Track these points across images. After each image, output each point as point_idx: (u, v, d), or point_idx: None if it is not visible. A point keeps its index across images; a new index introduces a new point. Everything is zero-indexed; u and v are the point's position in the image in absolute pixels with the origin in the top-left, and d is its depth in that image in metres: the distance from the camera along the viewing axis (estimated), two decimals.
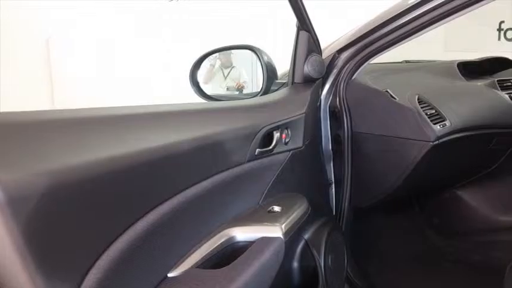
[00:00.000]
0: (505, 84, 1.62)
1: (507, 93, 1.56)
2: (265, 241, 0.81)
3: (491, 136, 1.45)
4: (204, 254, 0.76)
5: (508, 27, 3.48)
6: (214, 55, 1.44)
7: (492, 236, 1.77)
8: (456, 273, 1.73)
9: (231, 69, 1.54)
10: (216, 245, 0.79)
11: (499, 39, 3.52)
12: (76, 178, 0.55)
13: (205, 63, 1.43)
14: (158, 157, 0.68)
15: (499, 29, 3.51)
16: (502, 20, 3.48)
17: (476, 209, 1.79)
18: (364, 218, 1.70)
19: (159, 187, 0.68)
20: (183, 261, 0.73)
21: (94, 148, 0.60)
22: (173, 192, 0.71)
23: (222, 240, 0.81)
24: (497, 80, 1.63)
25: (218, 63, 1.46)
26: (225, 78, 1.54)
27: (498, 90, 1.58)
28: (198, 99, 1.40)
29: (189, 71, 1.41)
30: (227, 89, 1.63)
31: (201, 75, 1.40)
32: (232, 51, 1.46)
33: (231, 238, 0.82)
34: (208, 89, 1.42)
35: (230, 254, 0.80)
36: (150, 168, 0.66)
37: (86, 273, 0.56)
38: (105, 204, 0.59)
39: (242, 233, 0.83)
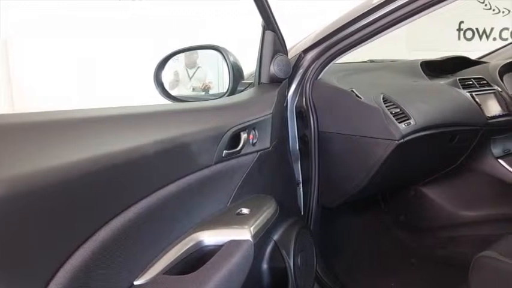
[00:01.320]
0: (466, 83, 1.66)
1: (468, 92, 1.60)
2: (234, 244, 0.80)
3: (453, 134, 1.48)
4: (171, 260, 0.74)
5: (467, 27, 3.59)
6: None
7: (456, 232, 1.81)
8: (423, 269, 1.76)
9: (196, 70, 1.51)
10: (183, 250, 0.77)
11: (459, 38, 3.63)
12: (31, 186, 0.52)
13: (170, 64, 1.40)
14: (120, 162, 0.65)
15: (459, 29, 3.62)
16: (462, 20, 3.59)
17: (440, 205, 1.83)
18: (332, 217, 1.71)
19: (122, 193, 0.66)
20: (149, 268, 0.71)
21: (51, 154, 0.57)
22: (138, 198, 0.68)
23: (190, 245, 0.79)
24: (459, 79, 1.67)
25: (183, 63, 1.43)
26: (190, 79, 1.51)
27: (460, 88, 1.62)
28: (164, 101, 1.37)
29: (153, 72, 1.38)
30: (193, 89, 1.61)
31: (165, 76, 1.37)
32: (197, 51, 1.43)
33: (199, 242, 0.80)
34: (174, 90, 1.39)
35: (198, 259, 0.78)
36: (112, 173, 0.64)
37: (47, 285, 0.53)
38: (64, 213, 0.56)
39: (210, 237, 0.81)
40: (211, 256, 0.76)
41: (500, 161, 1.68)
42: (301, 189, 1.44)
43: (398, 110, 1.33)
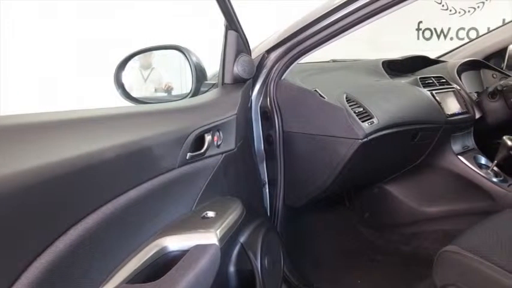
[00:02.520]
0: (426, 82, 1.70)
1: (428, 90, 1.64)
2: (199, 249, 0.78)
3: (415, 131, 1.51)
4: (134, 268, 0.72)
5: (425, 27, 3.68)
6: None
7: (419, 227, 1.85)
8: (388, 265, 1.79)
9: (150, 71, 1.47)
10: (147, 257, 0.75)
11: (418, 38, 3.71)
12: None
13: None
14: (79, 167, 0.62)
15: (418, 29, 3.70)
16: (420, 20, 3.68)
17: (404, 202, 1.86)
18: (298, 216, 1.71)
19: (82, 200, 0.63)
20: (112, 277, 0.68)
21: (4, 160, 0.54)
22: (98, 204, 0.66)
23: (154, 251, 0.76)
24: (419, 78, 1.70)
25: (137, 64, 1.39)
26: (145, 80, 1.48)
27: (420, 87, 1.65)
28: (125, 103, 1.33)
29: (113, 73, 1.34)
30: (155, 90, 1.58)
31: (126, 77, 1.33)
32: (153, 51, 1.40)
33: (163, 248, 0.78)
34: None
35: (163, 266, 0.76)
36: (71, 179, 0.61)
37: None
38: (20, 222, 0.53)
39: (175, 242, 0.79)
40: (176, 262, 0.74)
41: (460, 157, 1.72)
42: (267, 189, 1.44)
43: (362, 109, 1.34)
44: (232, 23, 1.17)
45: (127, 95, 1.33)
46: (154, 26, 3.76)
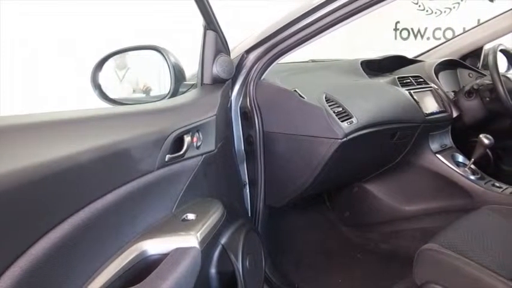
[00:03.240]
0: (404, 81, 1.72)
1: (407, 90, 1.65)
2: (180, 252, 0.77)
3: (394, 131, 1.52)
4: (113, 273, 0.70)
5: (403, 27, 3.73)
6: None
7: (398, 226, 1.86)
8: (368, 264, 1.80)
9: (126, 71, 1.45)
10: (126, 262, 0.73)
11: (396, 38, 3.76)
12: None
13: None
14: (54, 171, 0.61)
15: (395, 29, 3.75)
16: (398, 20, 3.72)
17: (383, 201, 1.88)
18: (279, 216, 1.71)
19: (58, 204, 0.62)
20: (90, 283, 0.67)
21: None
22: (74, 209, 0.64)
23: (133, 255, 0.75)
24: (398, 77, 1.72)
25: (113, 65, 1.36)
26: (121, 80, 1.45)
27: (399, 86, 1.66)
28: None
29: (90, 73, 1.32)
30: (133, 91, 1.55)
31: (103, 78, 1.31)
32: (129, 52, 1.37)
33: (143, 252, 0.77)
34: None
35: (143, 270, 0.74)
36: (46, 184, 0.59)
37: None
38: None
39: (155, 246, 0.78)
40: (156, 266, 0.72)
41: (438, 155, 1.74)
42: (248, 190, 1.43)
43: (341, 109, 1.34)
44: (210, 23, 1.16)
45: (104, 96, 1.31)
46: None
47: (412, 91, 1.66)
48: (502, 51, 1.88)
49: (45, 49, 3.67)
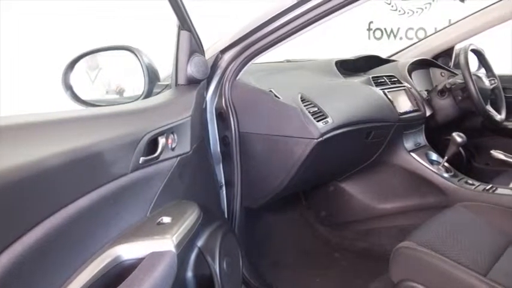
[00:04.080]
0: (378, 81, 1.73)
1: (381, 89, 1.67)
2: (155, 257, 0.75)
3: (369, 130, 1.53)
4: (86, 280, 0.68)
5: (376, 27, 3.77)
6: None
7: (374, 224, 1.88)
8: (346, 262, 1.81)
9: (98, 72, 1.42)
10: (100, 268, 0.71)
11: (369, 38, 3.80)
12: None
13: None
14: (24, 176, 0.58)
15: (369, 29, 3.79)
16: (371, 20, 3.76)
17: (359, 199, 1.89)
18: (255, 217, 1.70)
19: (27, 211, 0.59)
20: None
21: None
22: (44, 215, 0.62)
23: (107, 261, 0.73)
24: (372, 77, 1.73)
25: (84, 65, 1.33)
26: (93, 81, 1.42)
27: (373, 86, 1.68)
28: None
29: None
30: (106, 92, 1.52)
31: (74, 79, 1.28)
32: (101, 52, 1.35)
33: (117, 257, 0.75)
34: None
35: (117, 276, 0.72)
36: (15, 190, 0.57)
37: None
38: None
39: (129, 251, 0.76)
40: (131, 271, 0.71)
41: (412, 154, 1.76)
42: (224, 191, 1.42)
43: (316, 109, 1.35)
44: (184, 22, 1.14)
45: (76, 98, 1.28)
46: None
47: (386, 90, 1.68)
48: (472, 50, 1.92)
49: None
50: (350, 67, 1.89)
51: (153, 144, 0.92)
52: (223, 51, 1.31)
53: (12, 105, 3.50)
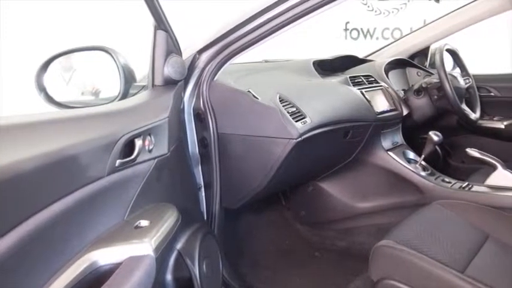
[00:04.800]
0: (356, 80, 1.74)
1: (358, 89, 1.68)
2: (133, 261, 0.74)
3: (347, 130, 1.54)
4: (62, 287, 0.66)
5: (353, 27, 3.80)
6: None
7: (353, 223, 1.89)
8: (326, 261, 1.82)
9: (72, 73, 1.39)
10: (76, 274, 0.69)
11: (346, 38, 3.82)
12: None
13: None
14: None
15: (346, 29, 3.82)
16: (348, 21, 3.79)
17: (338, 198, 1.90)
18: (235, 218, 1.70)
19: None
20: None
21: None
22: (18, 221, 0.60)
23: (83, 267, 0.71)
24: (349, 77, 1.74)
25: (58, 67, 1.31)
26: (67, 83, 1.39)
27: (350, 86, 1.69)
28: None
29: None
30: (82, 93, 1.49)
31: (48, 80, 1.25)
32: (76, 53, 1.32)
33: (93, 263, 0.73)
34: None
35: (94, 282, 0.71)
36: None
37: None
38: None
39: (106, 256, 0.74)
40: (108, 277, 0.69)
41: (389, 153, 1.77)
42: (203, 193, 1.41)
43: (295, 109, 1.35)
44: (161, 22, 1.13)
45: (50, 100, 1.25)
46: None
47: (363, 90, 1.69)
48: (448, 50, 1.95)
49: None
50: (327, 67, 1.90)
51: (129, 147, 0.90)
52: (201, 52, 1.30)
53: None
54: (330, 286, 1.66)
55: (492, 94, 2.09)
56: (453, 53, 2.02)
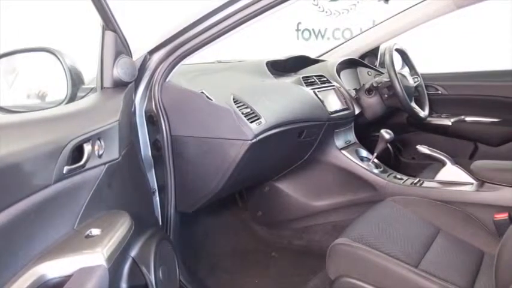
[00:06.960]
0: (309, 81, 1.76)
1: (311, 89, 1.69)
2: (84, 273, 0.71)
3: (301, 129, 1.55)
4: None
5: (304, 28, 3.84)
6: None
7: (309, 221, 1.91)
8: (283, 261, 1.83)
9: (15, 76, 1.33)
10: None
11: (298, 38, 3.86)
12: None
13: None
14: None
15: (297, 30, 3.85)
16: (299, 21, 3.82)
17: (293, 198, 1.91)
18: (191, 221, 1.67)
19: None
20: None
21: None
22: None
23: (31, 280, 0.67)
24: (302, 77, 1.75)
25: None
26: (10, 86, 1.32)
27: (303, 86, 1.70)
28: None
29: None
30: (27, 96, 1.42)
31: None
32: (18, 54, 1.26)
33: (42, 276, 0.69)
34: None
35: None
36: None
37: None
38: None
39: (55, 268, 0.71)
40: None
41: (343, 151, 1.80)
42: (158, 197, 1.38)
43: (249, 109, 1.34)
44: (109, 22, 1.09)
45: None
46: None
47: (316, 90, 1.71)
48: (397, 50, 2.00)
49: None
50: (280, 67, 1.90)
51: (78, 152, 0.86)
52: (152, 52, 1.27)
53: None
54: (289, 286, 1.67)
55: (440, 92, 2.17)
56: (402, 53, 2.07)
